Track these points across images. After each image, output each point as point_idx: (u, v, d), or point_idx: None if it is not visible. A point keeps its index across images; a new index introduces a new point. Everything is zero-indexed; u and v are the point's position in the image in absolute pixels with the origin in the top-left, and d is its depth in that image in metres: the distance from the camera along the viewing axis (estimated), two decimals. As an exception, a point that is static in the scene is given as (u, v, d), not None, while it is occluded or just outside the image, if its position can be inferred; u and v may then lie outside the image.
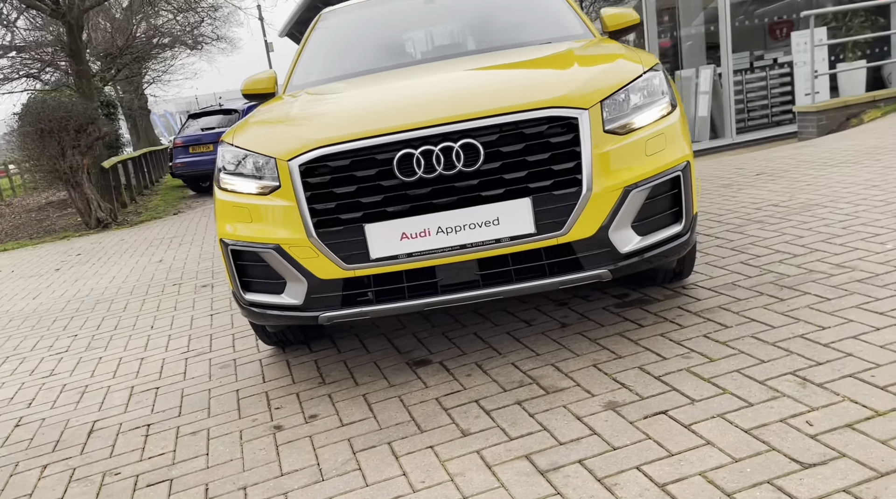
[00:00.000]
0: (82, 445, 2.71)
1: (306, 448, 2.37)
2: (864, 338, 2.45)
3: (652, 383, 2.39)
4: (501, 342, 2.98)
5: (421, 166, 2.48)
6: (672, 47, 10.83)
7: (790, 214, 4.16)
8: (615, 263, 2.59)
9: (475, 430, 2.29)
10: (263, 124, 2.91)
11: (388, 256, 2.52)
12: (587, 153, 2.51)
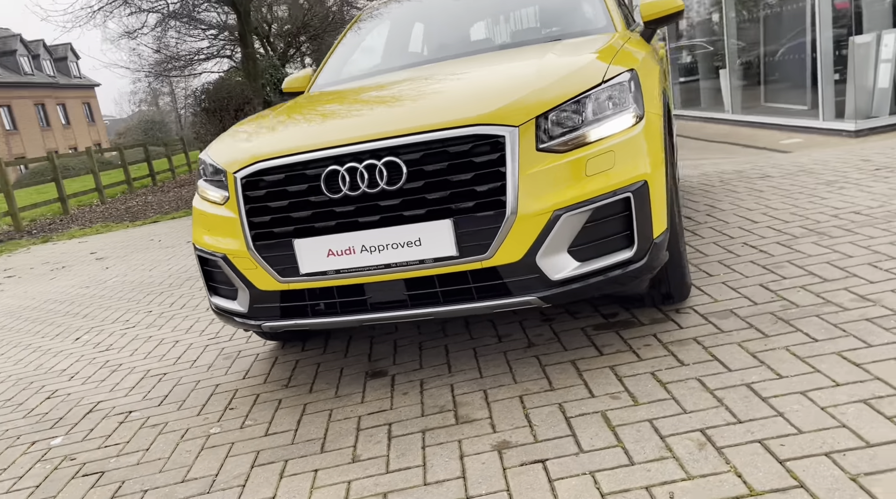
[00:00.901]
0: (73, 425, 3.01)
1: (220, 456, 2.48)
2: (812, 395, 2.13)
3: (558, 424, 2.25)
4: (460, 359, 2.92)
5: (346, 184, 2.46)
6: (849, 9, 9.62)
7: (863, 227, 3.65)
8: (546, 290, 2.43)
9: (365, 457, 2.29)
10: (237, 134, 3.01)
11: (318, 272, 2.55)
12: (513, 174, 2.36)
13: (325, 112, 2.97)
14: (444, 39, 3.91)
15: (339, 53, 4.07)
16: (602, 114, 2.51)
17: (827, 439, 1.91)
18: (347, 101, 3.06)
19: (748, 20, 10.59)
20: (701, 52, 12.78)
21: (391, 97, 2.93)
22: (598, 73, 2.58)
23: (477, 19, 3.98)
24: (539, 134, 2.42)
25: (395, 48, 3.98)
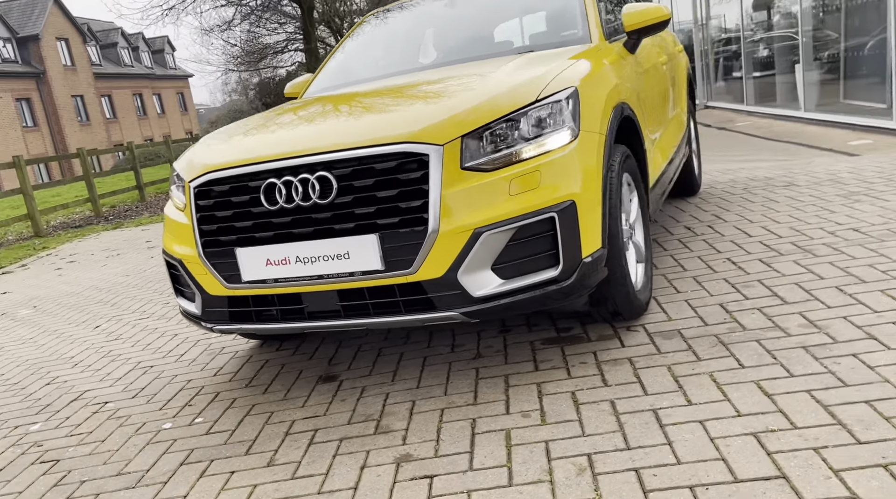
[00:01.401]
0: (54, 413, 3.25)
1: (158, 452, 2.65)
2: (709, 424, 2.12)
3: (462, 440, 2.31)
4: (408, 368, 2.99)
5: (283, 196, 2.57)
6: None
7: (852, 245, 3.51)
8: (468, 306, 2.48)
9: (280, 462, 2.40)
10: (207, 141, 3.15)
11: (258, 280, 2.67)
12: (436, 192, 2.42)
13: (282, 123, 3.07)
14: (418, 52, 3.97)
15: (332, 62, 4.18)
16: (531, 133, 2.53)
17: (698, 472, 1.89)
18: (305, 112, 3.15)
19: (827, 11, 10.09)
20: (779, 45, 12.26)
21: (338, 111, 3.02)
22: (533, 92, 2.59)
23: (459, 31, 4.00)
24: (464, 153, 2.46)
25: (370, 60, 4.06)
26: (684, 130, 4.77)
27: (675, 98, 4.62)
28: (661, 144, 3.89)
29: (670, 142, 4.15)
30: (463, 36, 3.90)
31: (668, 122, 4.21)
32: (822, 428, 2.01)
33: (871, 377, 2.23)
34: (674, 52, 4.88)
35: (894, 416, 2.01)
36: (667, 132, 4.14)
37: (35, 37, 37.50)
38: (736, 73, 13.98)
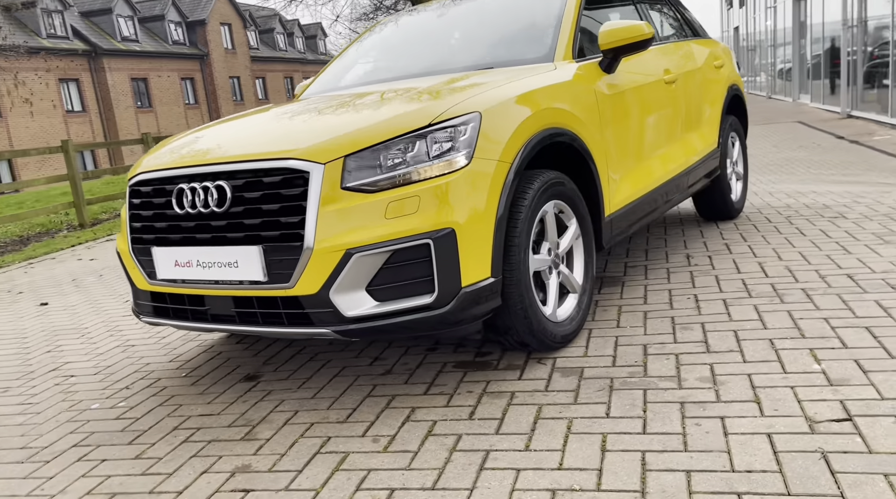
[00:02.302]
0: (28, 380, 3.57)
1: (60, 432, 2.86)
2: (522, 474, 2.07)
3: (299, 459, 2.35)
4: (321, 377, 3.07)
5: (188, 202, 2.70)
6: None
7: (827, 295, 3.24)
8: (341, 325, 2.51)
9: (147, 455, 2.54)
10: (158, 145, 3.32)
11: (169, 279, 2.83)
12: (313, 209, 2.47)
13: (218, 130, 3.17)
14: (390, 64, 3.97)
15: (330, 67, 4.28)
16: (417, 158, 2.51)
17: (464, 525, 1.84)
18: (240, 121, 3.24)
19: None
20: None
21: (263, 122, 3.10)
22: (427, 117, 2.57)
23: (434, 44, 3.97)
24: (346, 173, 2.49)
25: (347, 70, 4.11)
26: (706, 150, 4.49)
27: (695, 116, 4.36)
28: (647, 168, 3.70)
29: (668, 164, 3.93)
30: (433, 50, 3.88)
31: (670, 142, 3.99)
32: (622, 494, 1.89)
33: (716, 446, 2.07)
34: (705, 67, 4.60)
35: (702, 491, 1.85)
36: (665, 153, 3.92)
37: (202, 21, 40.40)
38: (885, 81, 12.80)
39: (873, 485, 1.80)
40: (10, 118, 29.88)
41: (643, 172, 3.67)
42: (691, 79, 4.37)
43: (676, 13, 4.93)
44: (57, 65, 31.95)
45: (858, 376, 2.40)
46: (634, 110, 3.60)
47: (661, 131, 3.88)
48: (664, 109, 3.93)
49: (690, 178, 4.27)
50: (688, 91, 4.29)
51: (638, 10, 4.28)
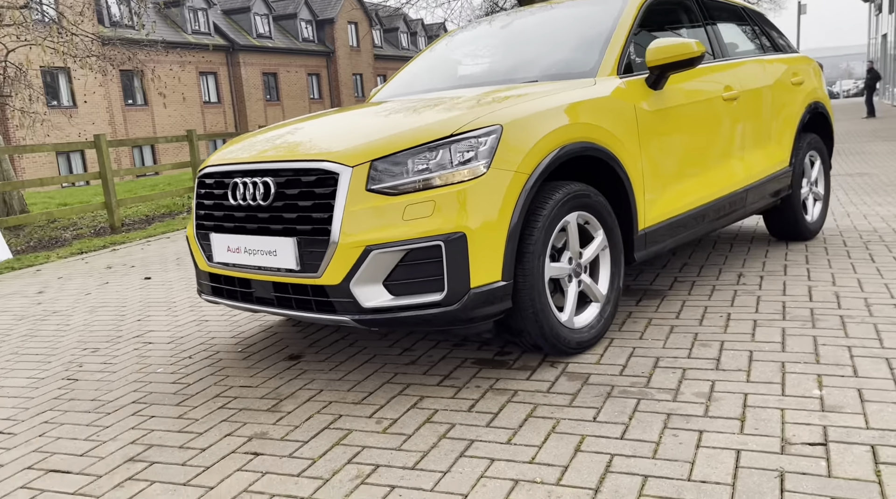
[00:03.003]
0: (116, 344, 4.04)
1: (126, 389, 3.26)
2: (496, 464, 2.23)
3: (308, 432, 2.60)
4: (354, 362, 3.32)
5: (240, 195, 3.03)
6: None
7: (864, 324, 3.18)
8: (359, 314, 2.75)
9: (187, 417, 2.87)
10: (227, 142, 3.69)
11: (222, 263, 3.17)
12: (340, 208, 2.72)
13: (278, 132, 3.48)
14: (445, 74, 4.16)
15: (397, 75, 4.53)
16: (437, 165, 2.71)
17: (424, 501, 2.03)
18: (298, 125, 3.52)
19: None
20: None
21: (316, 126, 3.37)
22: (451, 127, 2.77)
23: (492, 54, 4.13)
24: (371, 176, 2.72)
25: (413, 77, 4.33)
26: (773, 169, 4.43)
27: (760, 133, 4.31)
28: (693, 184, 3.73)
29: (720, 181, 3.93)
30: (488, 62, 4.05)
31: (724, 159, 3.98)
32: (577, 490, 2.02)
33: (683, 456, 2.16)
34: (778, 85, 4.52)
35: (652, 495, 1.96)
36: (718, 171, 3.92)
37: (331, 20, 42.06)
38: None
39: (816, 507, 1.85)
40: (154, 107, 32.26)
41: (688, 189, 3.70)
42: (758, 96, 4.32)
43: (755, 29, 4.86)
44: (198, 58, 34.18)
45: (854, 404, 2.40)
46: (682, 127, 3.64)
47: (713, 148, 3.88)
48: (719, 127, 3.93)
49: (751, 196, 4.23)
50: (753, 108, 4.25)
51: (707, 26, 4.28)
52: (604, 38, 3.59)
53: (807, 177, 4.97)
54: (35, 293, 5.88)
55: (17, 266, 7.59)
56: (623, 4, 3.79)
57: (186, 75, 33.46)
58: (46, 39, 12.19)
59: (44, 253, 8.42)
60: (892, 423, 2.25)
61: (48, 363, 3.78)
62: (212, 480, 2.31)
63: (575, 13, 4.05)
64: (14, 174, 11.89)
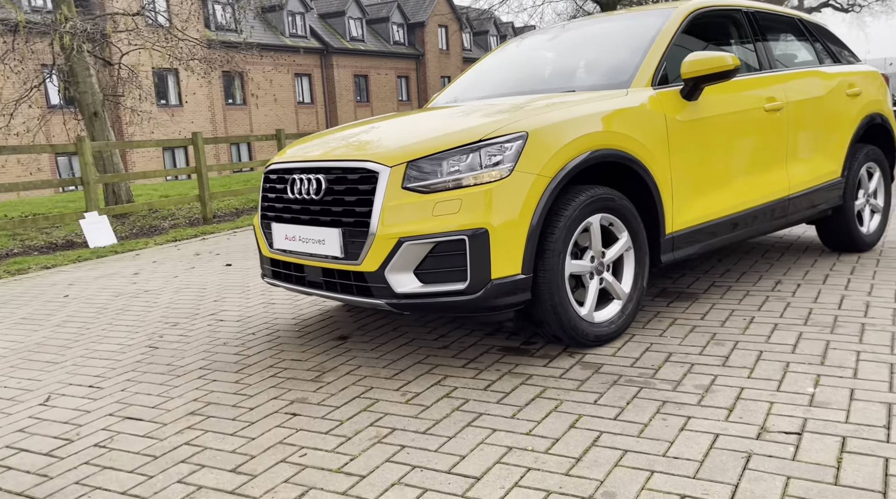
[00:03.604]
0: (193, 320, 4.52)
1: (198, 356, 3.70)
2: (496, 435, 2.49)
3: (343, 396, 2.95)
4: (394, 343, 3.65)
5: (297, 190, 3.42)
6: None
7: (884, 332, 3.27)
8: (392, 298, 3.09)
9: (242, 382, 3.28)
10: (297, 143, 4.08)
11: (280, 249, 3.57)
12: (379, 203, 3.06)
13: (335, 135, 3.84)
14: (494, 83, 4.41)
15: (451, 84, 4.84)
16: (469, 167, 3.01)
17: (440, 461, 2.33)
18: (357, 128, 3.86)
19: None
20: None
21: (370, 130, 3.71)
22: (481, 133, 3.07)
23: (538, 65, 4.37)
24: (407, 175, 3.05)
25: (467, 86, 4.61)
26: (822, 180, 4.49)
27: (808, 144, 4.39)
28: (728, 192, 3.87)
29: (759, 190, 4.05)
30: (533, 72, 4.30)
31: (765, 169, 4.09)
32: (561, 458, 2.28)
33: (665, 436, 2.38)
34: (831, 96, 4.57)
35: (626, 465, 2.19)
36: (757, 179, 4.04)
37: (422, 23, 42.84)
38: None
39: (771, 482, 2.05)
40: (252, 106, 33.77)
41: (721, 197, 3.84)
42: (807, 107, 4.40)
43: (812, 41, 4.92)
44: (294, 61, 35.53)
45: (842, 402, 2.55)
46: (716, 137, 3.79)
47: (750, 158, 4.01)
48: (758, 137, 4.05)
49: (794, 206, 4.32)
50: (800, 119, 4.34)
51: (756, 39, 4.39)
52: (642, 51, 3.80)
53: (863, 188, 4.98)
54: (132, 274, 6.51)
55: (120, 250, 8.34)
56: (666, 18, 3.97)
57: (282, 77, 34.84)
58: (156, 44, 13.14)
59: (143, 239, 9.18)
60: (871, 419, 2.40)
61: (135, 333, 4.29)
62: (254, 432, 2.68)
63: (623, 26, 4.26)
64: (123, 167, 12.87)
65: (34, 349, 4.09)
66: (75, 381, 3.45)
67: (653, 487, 2.08)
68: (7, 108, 13.07)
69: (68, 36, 10.90)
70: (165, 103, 29.80)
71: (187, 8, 14.85)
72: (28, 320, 4.88)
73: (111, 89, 15.11)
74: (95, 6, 23.92)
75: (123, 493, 2.28)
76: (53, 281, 6.51)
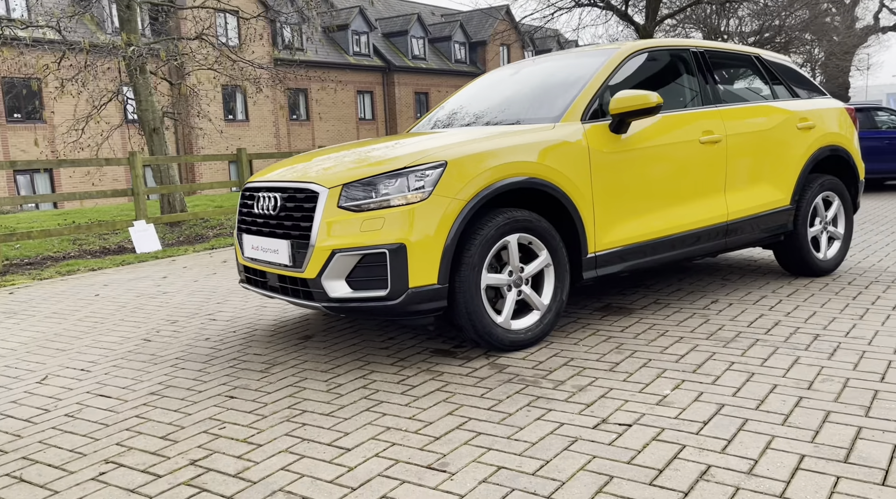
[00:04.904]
0: (184, 322, 5.13)
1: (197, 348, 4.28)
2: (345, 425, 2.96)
3: (282, 390, 3.47)
4: (345, 342, 4.15)
5: (260, 206, 3.98)
6: None
7: (778, 354, 3.59)
8: (328, 302, 3.59)
9: (205, 370, 3.83)
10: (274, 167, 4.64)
11: (249, 257, 4.13)
12: (318, 219, 3.58)
13: (297, 158, 4.38)
14: (458, 117, 4.87)
15: (436, 110, 5.33)
16: (390, 190, 3.50)
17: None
18: (315, 155, 4.39)
19: None
20: None
21: (326, 154, 4.23)
22: (405, 162, 3.55)
23: (494, 99, 4.82)
24: (343, 196, 3.55)
25: (432, 117, 5.09)
26: (766, 208, 4.79)
27: (750, 174, 4.69)
28: (657, 217, 4.23)
29: (691, 216, 4.39)
30: (488, 107, 4.74)
31: (697, 197, 4.43)
32: (425, 437, 2.72)
33: (521, 423, 2.79)
34: (779, 128, 4.86)
35: (468, 430, 2.63)
36: (688, 207, 4.39)
37: (483, 42, 43.57)
38: None
39: (578, 459, 2.45)
40: (315, 122, 35.06)
41: (650, 220, 4.21)
42: (749, 140, 4.71)
43: (767, 77, 5.21)
44: (358, 78, 36.73)
45: (685, 402, 2.91)
46: (645, 167, 4.17)
47: (680, 186, 4.35)
48: (690, 167, 4.39)
49: (735, 232, 4.64)
50: (740, 151, 4.66)
51: (701, 75, 4.73)
52: (578, 88, 4.22)
53: (819, 216, 5.23)
54: (160, 278, 7.21)
55: (161, 256, 9.11)
56: (606, 58, 4.39)
57: (345, 93, 36.03)
58: (212, 66, 14.11)
59: (185, 247, 9.96)
60: (696, 416, 2.77)
61: (138, 328, 4.91)
62: (193, 410, 3.21)
63: (572, 64, 4.67)
64: (179, 179, 13.82)
65: (52, 339, 4.75)
66: (73, 365, 4.07)
67: (483, 460, 2.51)
68: (78, 124, 14.21)
69: (130, 59, 11.88)
70: (233, 118, 31.25)
71: (252, 30, 15.86)
72: (57, 315, 5.58)
73: (173, 107, 16.22)
74: (172, 29, 25.43)
75: (72, 450, 2.84)
76: (92, 282, 7.27)
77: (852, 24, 31.65)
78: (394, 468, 2.50)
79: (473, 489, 2.31)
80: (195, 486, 2.46)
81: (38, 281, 7.52)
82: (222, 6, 14.38)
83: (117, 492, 2.44)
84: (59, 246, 10.49)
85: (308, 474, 2.49)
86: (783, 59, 5.48)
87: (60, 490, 2.49)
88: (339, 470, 2.51)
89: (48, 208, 21.64)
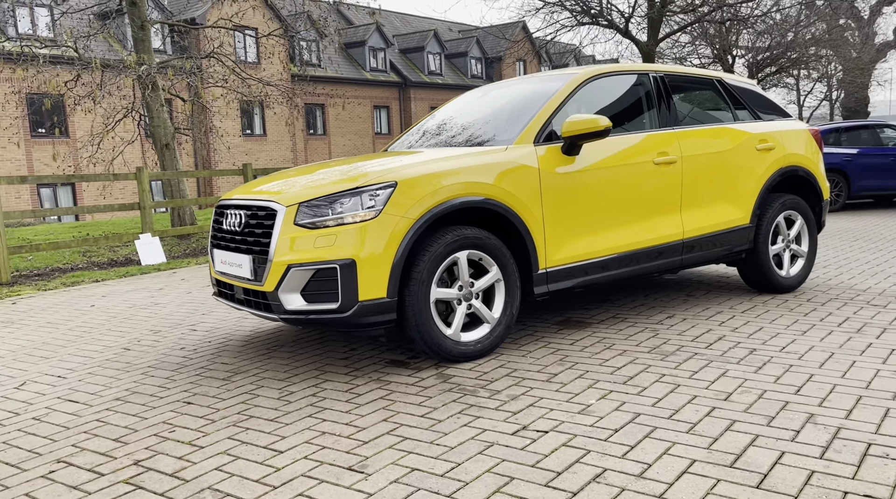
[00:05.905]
0: (167, 332, 5.37)
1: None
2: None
3: (237, 395, 3.68)
4: (305, 354, 4.36)
5: (227, 222, 4.21)
6: None
7: (712, 365, 3.75)
8: (285, 314, 3.81)
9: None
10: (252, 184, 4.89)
11: (218, 271, 4.36)
12: (276, 236, 3.81)
13: (267, 178, 4.61)
14: (428, 136, 5.08)
15: (411, 130, 5.55)
16: (343, 209, 3.71)
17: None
18: (288, 174, 4.62)
19: None
20: None
21: (290, 174, 4.46)
22: (358, 182, 3.76)
23: (458, 122, 5.03)
24: (298, 214, 3.77)
25: (403, 138, 5.31)
26: (723, 226, 4.93)
27: (706, 194, 4.85)
28: (609, 236, 4.40)
29: (644, 234, 4.55)
30: (452, 129, 4.95)
31: (650, 215, 4.59)
32: (357, 442, 2.92)
33: (448, 429, 2.97)
34: (737, 149, 5.01)
35: (401, 449, 2.81)
36: (641, 225, 4.55)
37: (499, 58, 43.89)
38: None
39: (487, 461, 2.62)
40: (332, 136, 35.55)
41: (603, 238, 4.38)
42: (705, 161, 4.87)
43: (726, 99, 5.36)
44: (374, 93, 37.22)
45: (604, 411, 3.08)
46: (596, 187, 4.34)
47: (632, 205, 4.52)
48: (642, 187, 4.56)
49: (691, 250, 4.80)
50: (697, 172, 4.81)
51: (658, 99, 4.90)
52: (533, 111, 4.41)
53: (782, 234, 5.37)
54: (156, 289, 7.48)
55: (164, 268, 9.40)
56: (563, 83, 4.58)
57: (362, 108, 36.53)
58: (224, 82, 14.50)
59: (188, 259, 10.25)
60: (610, 424, 2.93)
61: (122, 337, 5.16)
62: (150, 415, 3.43)
63: (532, 88, 4.87)
64: (188, 193, 14.17)
65: (39, 347, 5.01)
66: (52, 372, 4.31)
67: (401, 463, 2.70)
68: (94, 139, 14.64)
69: (141, 77, 12.27)
70: (250, 133, 31.78)
71: (266, 47, 16.26)
72: (51, 324, 5.85)
73: (187, 123, 16.62)
74: (193, 45, 26.02)
75: (30, 450, 3.07)
76: (92, 293, 7.55)
77: (869, 40, 31.49)
78: (317, 469, 2.69)
79: (383, 489, 2.50)
80: (132, 484, 2.67)
81: (43, 292, 7.82)
82: (234, 25, 14.78)
83: (60, 488, 2.66)
84: (69, 258, 10.84)
85: (238, 474, 2.69)
86: (747, 83, 5.63)
87: (11, 486, 2.71)
88: (266, 470, 2.71)
89: (70, 221, 22.20)
